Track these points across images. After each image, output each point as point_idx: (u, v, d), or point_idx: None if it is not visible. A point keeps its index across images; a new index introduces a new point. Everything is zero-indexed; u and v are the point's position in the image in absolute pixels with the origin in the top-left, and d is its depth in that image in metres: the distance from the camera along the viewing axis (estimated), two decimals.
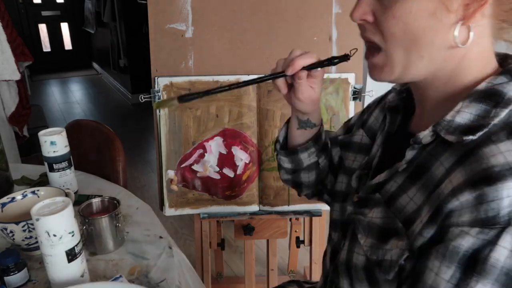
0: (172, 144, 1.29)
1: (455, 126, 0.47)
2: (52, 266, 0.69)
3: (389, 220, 0.52)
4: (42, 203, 0.69)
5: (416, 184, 0.50)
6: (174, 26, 1.24)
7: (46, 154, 0.99)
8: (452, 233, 0.42)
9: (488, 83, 0.48)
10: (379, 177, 0.56)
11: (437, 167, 0.47)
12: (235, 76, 1.26)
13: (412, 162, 0.51)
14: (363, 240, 0.55)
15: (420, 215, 0.47)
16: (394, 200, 0.52)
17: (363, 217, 0.56)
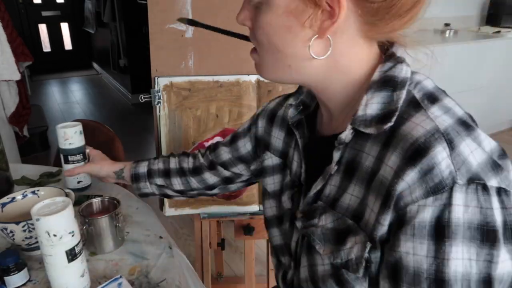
0: (172, 144, 1.29)
1: (370, 118, 0.50)
2: (52, 266, 0.69)
3: (340, 221, 0.53)
4: (42, 203, 0.68)
5: (352, 180, 0.52)
6: (174, 26, 1.24)
7: (62, 146, 1.03)
8: (411, 211, 0.44)
9: (379, 72, 0.52)
10: (315, 185, 0.57)
11: (365, 158, 0.50)
12: (235, 76, 1.26)
13: (340, 162, 0.54)
14: (322, 250, 0.55)
15: (367, 205, 0.49)
16: (337, 202, 0.54)
17: (315, 228, 0.56)
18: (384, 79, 0.51)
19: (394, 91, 0.50)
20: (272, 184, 0.72)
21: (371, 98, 0.51)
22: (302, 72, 0.53)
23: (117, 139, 1.31)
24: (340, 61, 0.52)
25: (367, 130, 0.50)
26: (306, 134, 0.64)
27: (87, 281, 0.74)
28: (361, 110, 0.51)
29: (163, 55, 1.26)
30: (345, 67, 0.52)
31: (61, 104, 4.63)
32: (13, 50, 2.05)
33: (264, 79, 1.26)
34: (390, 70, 0.51)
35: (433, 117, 0.46)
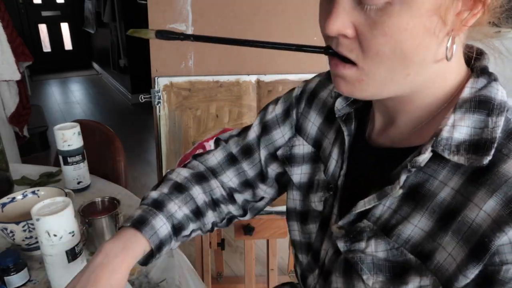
0: (172, 144, 1.29)
1: (456, 143, 0.42)
2: (52, 266, 0.69)
3: (396, 252, 0.45)
4: (42, 203, 0.69)
5: (417, 209, 0.44)
6: (174, 26, 1.24)
7: (60, 148, 1.04)
8: (508, 272, 0.37)
9: (471, 88, 0.44)
10: (364, 203, 0.48)
11: (440, 188, 0.43)
12: (235, 76, 1.26)
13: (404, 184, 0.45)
14: (371, 281, 0.47)
15: (440, 246, 0.42)
16: (394, 229, 0.46)
17: (363, 255, 0.48)
18: (479, 98, 0.43)
19: (489, 116, 0.42)
20: (299, 174, 0.62)
21: (460, 120, 0.42)
22: (417, 80, 0.44)
23: (117, 139, 1.31)
24: (449, 65, 0.44)
25: (454, 158, 0.42)
26: (353, 132, 0.55)
27: None
28: (447, 132, 0.42)
29: (163, 55, 1.26)
30: (448, 73, 0.45)
31: (61, 104, 4.63)
32: (13, 50, 2.05)
33: (264, 79, 1.27)
34: (484, 89, 0.43)
35: None
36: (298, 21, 1.26)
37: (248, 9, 1.25)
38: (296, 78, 1.26)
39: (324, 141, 0.60)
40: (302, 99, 0.64)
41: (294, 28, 1.26)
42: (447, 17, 0.39)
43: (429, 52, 0.41)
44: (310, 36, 1.27)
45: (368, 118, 0.56)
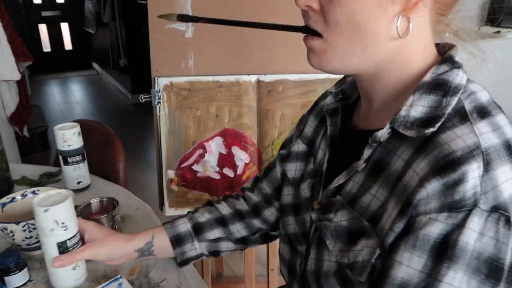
0: (172, 144, 1.29)
1: (412, 120, 0.47)
2: (45, 254, 0.71)
3: (356, 221, 0.51)
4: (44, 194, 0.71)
5: (377, 181, 0.49)
6: (174, 26, 1.24)
7: (60, 148, 1.04)
8: (420, 222, 0.42)
9: (432, 73, 0.48)
10: (338, 179, 0.54)
11: (396, 161, 0.48)
12: (235, 76, 1.26)
13: (369, 160, 0.51)
14: (332, 246, 0.53)
15: (386, 210, 0.47)
16: (357, 200, 0.51)
17: (329, 222, 0.54)
18: (437, 81, 0.48)
19: (444, 97, 0.47)
20: (294, 170, 0.68)
21: (417, 100, 0.47)
22: (376, 55, 0.49)
23: (117, 139, 1.31)
24: (408, 47, 0.49)
25: (406, 132, 0.47)
26: (339, 124, 0.61)
27: (79, 275, 0.74)
28: (404, 111, 0.48)
29: (163, 55, 1.26)
30: (410, 56, 0.50)
31: (61, 104, 4.63)
32: (13, 50, 2.05)
33: (264, 79, 1.27)
34: (444, 74, 0.48)
35: (478, 132, 0.43)
36: (298, 21, 1.26)
37: (248, 9, 1.25)
38: (296, 78, 1.26)
39: (317, 138, 0.66)
40: (307, 113, 0.73)
41: None
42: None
43: (381, 25, 0.46)
44: None
45: (356, 109, 0.61)
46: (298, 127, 0.74)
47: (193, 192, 1.32)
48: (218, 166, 1.31)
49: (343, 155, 0.58)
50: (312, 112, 0.70)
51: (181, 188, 1.32)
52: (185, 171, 1.30)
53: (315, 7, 0.48)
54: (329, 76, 1.27)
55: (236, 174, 1.31)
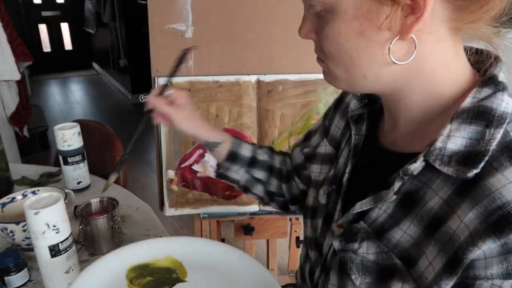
0: (172, 144, 1.29)
1: (449, 154, 0.42)
2: (38, 257, 0.70)
3: (385, 256, 0.46)
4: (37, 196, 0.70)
5: (409, 216, 0.45)
6: (174, 26, 1.24)
7: (60, 148, 1.04)
8: (481, 286, 0.38)
9: (473, 98, 0.43)
10: (361, 204, 0.50)
11: (431, 197, 0.43)
12: (235, 76, 1.26)
13: (399, 190, 0.46)
14: (359, 281, 0.48)
15: (424, 254, 0.43)
16: (385, 232, 0.47)
17: (354, 255, 0.49)
18: (478, 109, 0.42)
19: (487, 128, 0.41)
20: (318, 173, 0.66)
21: (456, 130, 0.42)
22: (380, 80, 0.46)
23: (117, 139, 1.31)
24: (424, 67, 0.44)
25: (443, 169, 0.42)
26: (364, 132, 0.58)
27: (73, 278, 0.73)
28: (441, 142, 0.42)
29: (163, 55, 1.25)
30: (429, 73, 0.45)
31: (61, 104, 4.63)
32: (13, 50, 2.05)
33: (264, 79, 1.27)
34: (487, 99, 0.42)
35: None
36: (298, 21, 1.26)
37: (248, 9, 1.25)
38: (296, 78, 1.26)
39: (342, 143, 0.63)
40: (333, 105, 0.70)
41: (294, 28, 1.26)
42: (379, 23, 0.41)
43: (372, 53, 0.44)
44: None
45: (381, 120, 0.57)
46: (324, 121, 0.71)
47: (193, 192, 1.32)
48: None
49: (365, 170, 0.55)
50: (338, 109, 0.67)
51: (181, 188, 1.32)
52: (185, 171, 1.30)
53: (314, 37, 0.49)
54: None
55: None
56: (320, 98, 1.28)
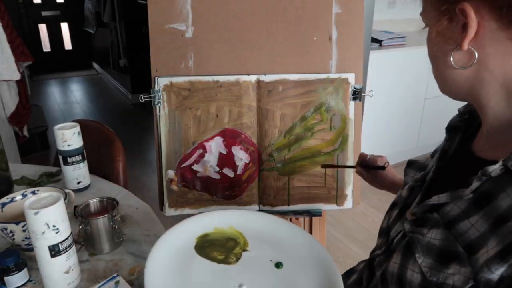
0: (172, 144, 1.29)
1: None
2: (38, 257, 0.71)
3: (450, 243, 0.52)
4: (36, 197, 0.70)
5: (479, 212, 0.50)
6: (174, 26, 1.24)
7: (60, 148, 1.04)
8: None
9: None
10: (438, 198, 0.56)
11: (503, 198, 0.48)
12: (235, 76, 1.26)
13: (477, 189, 0.51)
14: (421, 260, 0.55)
15: (485, 244, 0.48)
16: (455, 224, 0.52)
17: (422, 237, 0.56)
18: None
19: None
20: (411, 177, 0.74)
21: None
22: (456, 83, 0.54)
23: (117, 139, 1.31)
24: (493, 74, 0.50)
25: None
26: (456, 141, 0.65)
27: (73, 278, 0.74)
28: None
29: (163, 55, 1.25)
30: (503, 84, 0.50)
31: (61, 104, 4.63)
32: (13, 50, 2.05)
33: (264, 79, 1.27)
34: None
35: None
36: (298, 21, 1.26)
37: (248, 9, 1.25)
38: (296, 78, 1.26)
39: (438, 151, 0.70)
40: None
41: (294, 28, 1.26)
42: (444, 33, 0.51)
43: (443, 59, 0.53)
44: (310, 36, 1.27)
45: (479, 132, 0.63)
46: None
47: (193, 192, 1.32)
48: (218, 166, 1.31)
49: (451, 172, 0.62)
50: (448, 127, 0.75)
51: (181, 188, 1.32)
52: (185, 171, 1.30)
53: None
54: (329, 76, 1.26)
55: (236, 174, 1.31)
56: (320, 98, 1.28)
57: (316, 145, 1.31)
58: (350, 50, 1.27)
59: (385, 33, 2.68)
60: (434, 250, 0.54)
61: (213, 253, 0.75)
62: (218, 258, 0.74)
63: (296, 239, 0.78)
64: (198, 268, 0.72)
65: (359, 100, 1.30)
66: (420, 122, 2.93)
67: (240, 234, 0.81)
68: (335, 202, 1.34)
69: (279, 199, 1.32)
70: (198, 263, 0.73)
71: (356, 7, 1.26)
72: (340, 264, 1.94)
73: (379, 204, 2.48)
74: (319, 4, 1.25)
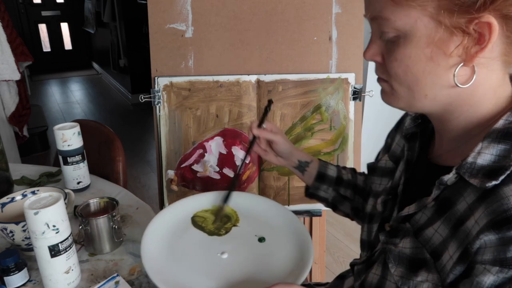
0: (172, 144, 1.29)
1: (478, 168, 0.48)
2: (38, 257, 0.71)
3: (418, 251, 0.54)
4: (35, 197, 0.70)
5: (441, 218, 0.52)
6: (174, 26, 1.24)
7: (60, 148, 1.04)
8: (477, 269, 0.45)
9: (505, 120, 0.49)
10: (408, 209, 0.58)
11: (460, 202, 0.50)
12: (235, 76, 1.26)
13: (438, 197, 0.54)
14: (393, 270, 0.57)
15: (446, 248, 0.50)
16: (422, 231, 0.54)
17: (394, 247, 0.58)
18: (508, 130, 0.48)
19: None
20: (378, 184, 0.73)
21: (486, 147, 0.49)
22: (438, 100, 0.52)
23: (117, 139, 1.31)
24: (476, 92, 0.51)
25: (471, 180, 0.48)
26: (417, 149, 0.65)
27: (73, 279, 0.74)
28: (472, 158, 0.49)
29: (163, 55, 1.25)
30: (478, 99, 0.51)
31: (61, 104, 4.63)
32: (13, 50, 2.05)
33: (264, 79, 1.27)
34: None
35: None
36: (298, 21, 1.26)
37: (248, 9, 1.25)
38: (296, 78, 1.26)
39: (401, 159, 0.70)
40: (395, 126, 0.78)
41: (294, 28, 1.26)
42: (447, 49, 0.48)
43: (437, 76, 0.50)
44: (310, 36, 1.27)
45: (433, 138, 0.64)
46: (387, 139, 0.79)
47: (193, 192, 1.32)
48: (218, 166, 1.31)
49: (416, 181, 0.63)
50: (399, 129, 0.74)
51: (181, 188, 1.32)
52: (185, 171, 1.30)
53: (379, 60, 0.55)
54: (329, 76, 1.26)
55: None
56: (320, 98, 1.28)
57: (316, 145, 1.31)
58: (350, 50, 1.27)
59: None
60: (404, 259, 0.56)
61: (208, 226, 0.85)
62: (210, 229, 0.84)
63: (280, 218, 0.87)
64: (189, 237, 0.82)
65: (359, 100, 1.30)
66: None
67: (234, 212, 0.90)
68: None
69: (279, 199, 1.32)
70: (191, 233, 0.83)
71: (356, 7, 1.26)
72: (340, 264, 1.94)
73: None
74: (319, 4, 1.25)
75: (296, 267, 0.73)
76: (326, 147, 1.31)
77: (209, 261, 0.75)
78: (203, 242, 0.81)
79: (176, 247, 0.78)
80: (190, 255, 0.77)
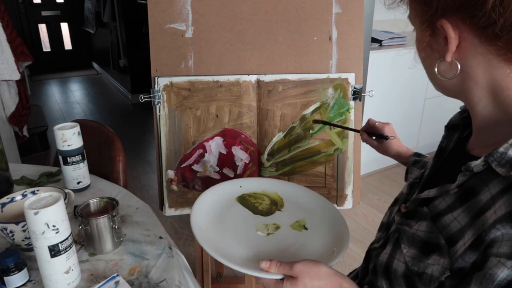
0: (172, 144, 1.29)
1: (508, 159, 0.48)
2: (38, 257, 0.71)
3: (433, 235, 0.55)
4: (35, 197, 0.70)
5: (462, 206, 0.53)
6: (174, 26, 1.24)
7: (60, 148, 1.04)
8: (491, 262, 0.45)
9: None
10: (428, 192, 0.59)
11: (485, 193, 0.50)
12: (235, 76, 1.26)
13: (462, 185, 0.54)
14: (406, 250, 0.58)
15: (463, 237, 0.50)
16: (440, 217, 0.55)
17: (409, 228, 0.59)
18: None
19: None
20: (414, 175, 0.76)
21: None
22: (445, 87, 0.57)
23: (117, 139, 1.31)
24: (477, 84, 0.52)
25: (497, 168, 0.49)
26: (454, 139, 0.67)
27: (73, 279, 0.74)
28: (504, 148, 0.49)
29: (163, 55, 1.25)
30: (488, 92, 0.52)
31: (61, 104, 4.63)
32: (13, 50, 2.05)
33: (264, 79, 1.27)
34: None
35: None
36: (298, 21, 1.26)
37: (248, 9, 1.25)
38: (296, 78, 1.26)
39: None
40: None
41: (294, 28, 1.26)
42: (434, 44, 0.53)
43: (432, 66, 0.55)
44: (310, 36, 1.27)
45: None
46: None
47: (193, 192, 1.32)
48: (218, 166, 1.31)
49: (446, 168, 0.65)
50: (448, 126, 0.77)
51: (181, 188, 1.32)
52: (185, 171, 1.30)
53: None
54: (329, 76, 1.26)
55: (236, 174, 1.31)
56: (320, 98, 1.28)
57: (316, 145, 1.31)
58: (350, 50, 1.27)
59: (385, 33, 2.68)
60: (418, 241, 0.57)
61: (255, 205, 0.94)
62: (256, 208, 0.93)
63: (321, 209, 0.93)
64: (235, 212, 0.90)
65: (359, 100, 1.30)
66: (420, 122, 2.93)
67: (280, 199, 0.97)
68: (335, 202, 1.34)
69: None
70: (237, 210, 0.92)
71: (356, 7, 1.26)
72: (340, 264, 1.94)
73: (379, 204, 2.48)
74: (319, 4, 1.25)
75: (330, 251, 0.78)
76: (326, 147, 1.31)
77: (249, 235, 0.83)
78: (246, 219, 0.89)
79: (222, 221, 0.86)
80: (235, 227, 0.85)
